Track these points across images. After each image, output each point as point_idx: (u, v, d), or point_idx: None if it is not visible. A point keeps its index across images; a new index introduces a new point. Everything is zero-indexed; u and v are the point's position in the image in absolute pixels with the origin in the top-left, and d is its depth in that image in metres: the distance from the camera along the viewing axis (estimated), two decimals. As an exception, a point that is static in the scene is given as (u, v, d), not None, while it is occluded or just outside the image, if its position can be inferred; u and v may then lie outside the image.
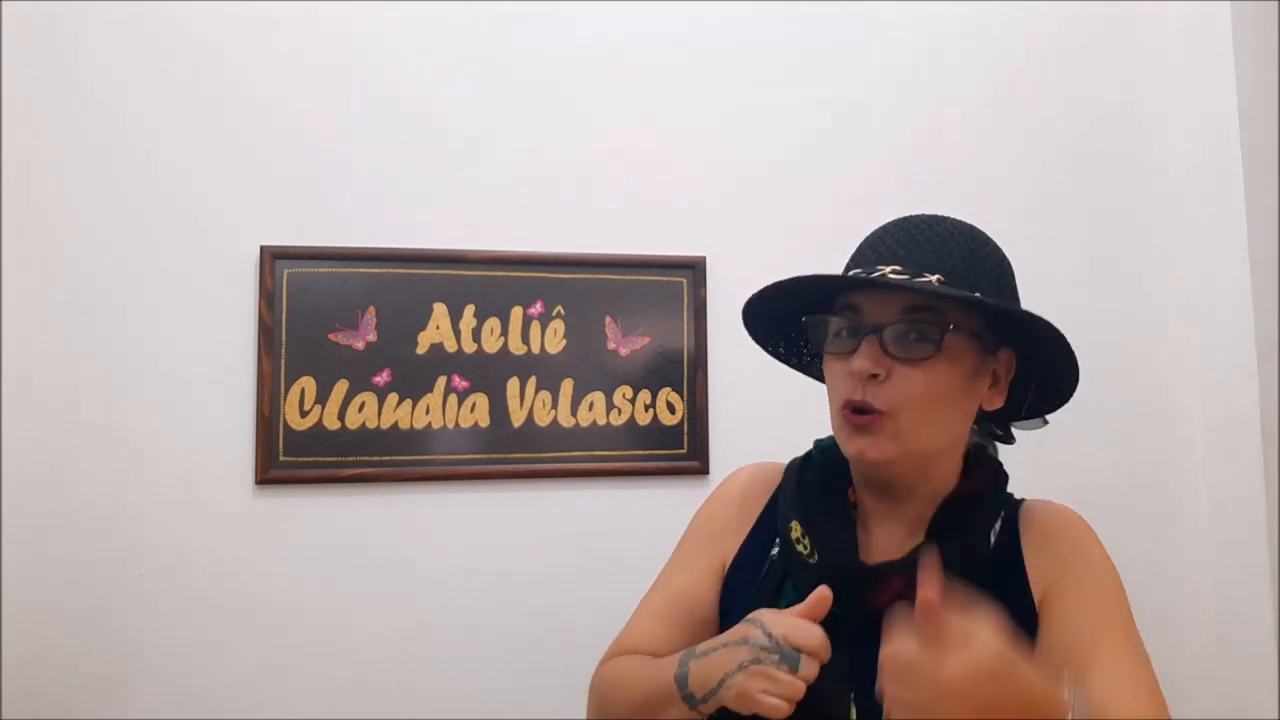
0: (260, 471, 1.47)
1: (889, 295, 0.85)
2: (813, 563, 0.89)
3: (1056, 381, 0.93)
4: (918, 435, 0.86)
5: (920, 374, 0.84)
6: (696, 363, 1.61)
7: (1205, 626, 1.68)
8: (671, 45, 1.66)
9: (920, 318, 0.84)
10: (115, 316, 1.45)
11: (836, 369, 0.89)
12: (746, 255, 1.63)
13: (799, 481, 0.97)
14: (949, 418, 0.88)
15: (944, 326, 0.84)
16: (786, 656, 0.78)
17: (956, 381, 0.86)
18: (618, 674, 0.97)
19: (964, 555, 0.86)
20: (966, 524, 0.89)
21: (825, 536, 0.89)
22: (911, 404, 0.84)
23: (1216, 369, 1.70)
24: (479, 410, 1.54)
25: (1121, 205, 1.78)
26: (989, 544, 0.90)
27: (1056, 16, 1.79)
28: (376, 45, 1.57)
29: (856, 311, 0.87)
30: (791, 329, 1.02)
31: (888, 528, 0.92)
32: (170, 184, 1.49)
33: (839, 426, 0.89)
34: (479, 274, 1.56)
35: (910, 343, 0.84)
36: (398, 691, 1.49)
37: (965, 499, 0.90)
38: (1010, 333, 0.89)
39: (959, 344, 0.85)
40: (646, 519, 1.55)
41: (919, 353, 0.84)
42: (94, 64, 1.47)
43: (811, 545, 0.89)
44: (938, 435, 0.88)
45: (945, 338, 0.84)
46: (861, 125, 1.71)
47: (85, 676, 1.40)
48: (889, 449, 0.85)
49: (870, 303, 0.86)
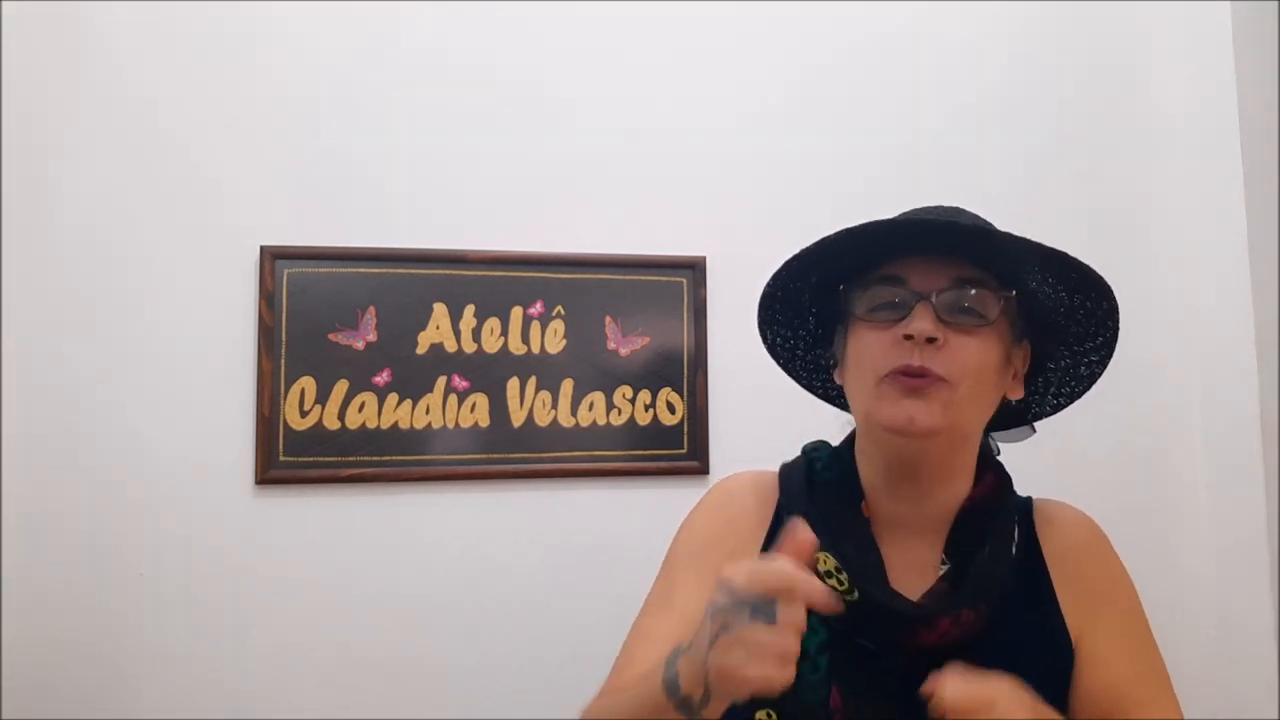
0: (260, 471, 1.47)
1: (940, 263, 0.82)
2: (850, 600, 0.79)
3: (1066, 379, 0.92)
4: (966, 410, 0.82)
5: (976, 343, 0.81)
6: (696, 363, 1.61)
7: (1205, 626, 1.68)
8: (671, 45, 1.66)
9: (973, 290, 0.82)
10: (115, 316, 1.45)
11: (875, 339, 0.82)
12: (746, 255, 1.62)
13: (811, 500, 0.88)
14: (990, 398, 0.85)
15: (996, 298, 0.82)
16: (757, 609, 0.64)
17: (999, 360, 0.83)
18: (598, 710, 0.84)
19: (989, 572, 0.82)
20: (987, 536, 0.85)
21: (856, 568, 0.81)
22: (969, 373, 0.80)
23: (1216, 368, 1.70)
24: (479, 410, 1.54)
25: (1121, 205, 1.78)
26: (1011, 555, 0.86)
27: (1056, 15, 1.79)
28: (376, 45, 1.57)
29: (899, 282, 0.83)
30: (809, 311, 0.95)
31: (904, 540, 0.86)
32: (170, 184, 1.49)
33: (881, 395, 0.81)
34: (479, 274, 1.56)
35: (964, 311, 0.81)
36: (398, 691, 1.49)
37: (980, 506, 0.87)
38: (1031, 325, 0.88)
39: (1003, 322, 0.83)
40: (646, 519, 1.54)
41: (972, 321, 0.81)
42: (94, 65, 1.47)
43: (849, 582, 0.80)
44: (981, 414, 0.85)
45: (999, 309, 0.82)
46: (861, 125, 1.71)
47: (85, 676, 1.40)
48: (939, 418, 0.79)
49: (917, 272, 0.82)
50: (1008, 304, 0.82)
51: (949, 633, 0.79)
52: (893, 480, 0.87)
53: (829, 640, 0.78)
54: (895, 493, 0.87)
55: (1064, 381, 0.94)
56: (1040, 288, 0.86)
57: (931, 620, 0.79)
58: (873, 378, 0.82)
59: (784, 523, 0.86)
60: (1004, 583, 0.83)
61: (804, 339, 0.98)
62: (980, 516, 0.86)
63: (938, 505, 0.87)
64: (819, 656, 0.77)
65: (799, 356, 1.00)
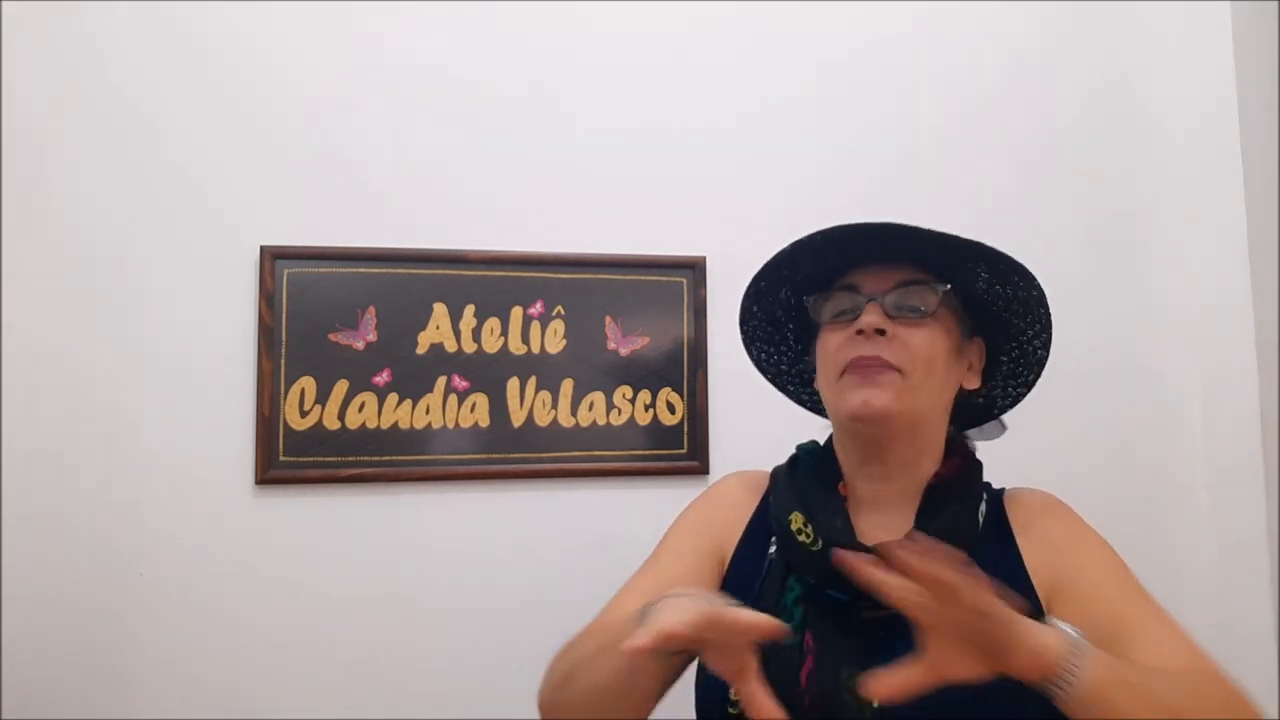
0: (260, 471, 1.46)
1: (887, 270, 0.95)
2: (815, 549, 0.90)
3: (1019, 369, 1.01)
4: (920, 394, 0.92)
5: (922, 333, 0.92)
6: (696, 363, 1.61)
7: (1205, 626, 1.68)
8: (671, 45, 1.66)
9: (914, 288, 0.94)
10: (115, 317, 1.45)
11: (834, 338, 0.95)
12: (746, 255, 1.61)
13: (791, 479, 0.99)
14: (944, 384, 0.95)
15: (936, 294, 0.94)
16: None
17: (947, 350, 0.95)
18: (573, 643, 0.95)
19: (955, 533, 0.88)
20: (953, 504, 0.93)
21: (824, 527, 0.92)
22: (918, 360, 0.91)
23: (1216, 369, 1.70)
24: (479, 410, 1.54)
25: (1120, 205, 1.78)
26: (978, 524, 0.94)
27: (1055, 15, 1.79)
28: (376, 45, 1.57)
29: (854, 289, 0.96)
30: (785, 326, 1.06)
31: (878, 513, 0.95)
32: (170, 184, 1.49)
33: (841, 386, 0.93)
34: (479, 274, 1.56)
35: (908, 307, 0.94)
36: (398, 691, 1.49)
37: (948, 482, 0.95)
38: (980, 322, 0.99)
39: (946, 315, 0.95)
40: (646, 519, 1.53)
41: (916, 315, 0.93)
42: (94, 66, 1.47)
43: (814, 533, 0.91)
44: (935, 399, 0.95)
45: (938, 303, 0.94)
46: (861, 125, 1.71)
47: (85, 676, 1.40)
48: (891, 402, 0.90)
49: (868, 279, 0.95)
50: (946, 296, 0.94)
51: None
52: (864, 463, 0.97)
53: (804, 594, 0.91)
54: (867, 473, 0.97)
55: (1017, 371, 1.02)
56: (975, 282, 0.97)
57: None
58: (834, 372, 0.94)
59: (768, 508, 1.00)
60: (966, 540, 0.89)
61: (785, 354, 1.08)
62: (947, 491, 0.94)
63: (907, 483, 0.95)
64: (795, 608, 0.90)
65: (784, 370, 1.09)
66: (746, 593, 0.95)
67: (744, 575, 0.98)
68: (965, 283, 0.96)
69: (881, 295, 0.93)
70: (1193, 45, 1.76)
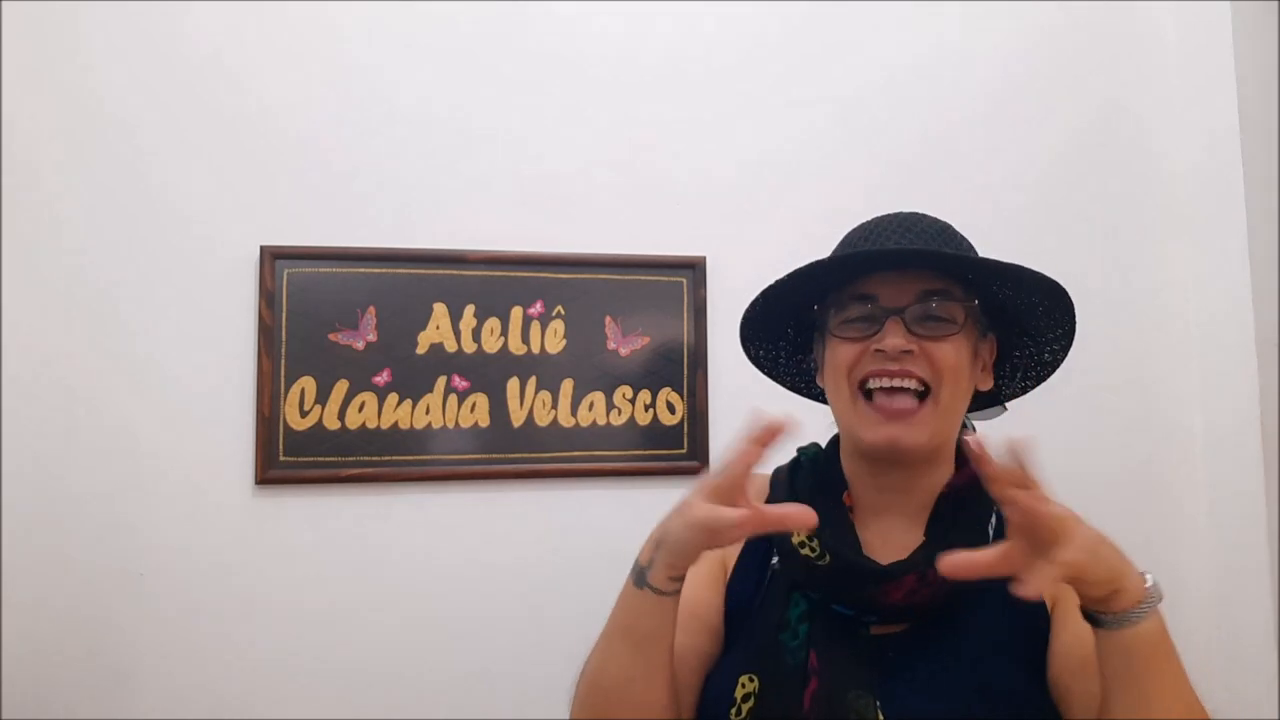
0: (260, 471, 1.46)
1: (906, 279, 0.86)
2: (822, 565, 0.85)
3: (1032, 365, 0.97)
4: (946, 414, 0.87)
5: (948, 347, 0.86)
6: (696, 363, 1.61)
7: (1205, 626, 1.68)
8: (672, 46, 1.66)
9: (938, 300, 0.86)
10: (115, 317, 1.46)
11: (847, 352, 0.87)
12: (746, 255, 1.63)
13: (792, 489, 0.94)
14: (966, 394, 0.90)
15: (961, 306, 0.87)
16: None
17: (969, 358, 0.89)
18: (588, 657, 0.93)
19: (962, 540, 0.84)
20: (964, 517, 0.89)
21: (829, 540, 0.86)
22: (944, 376, 0.85)
23: (1216, 369, 1.70)
24: (479, 410, 1.54)
25: (1121, 206, 1.78)
26: (989, 537, 0.89)
27: (1056, 19, 1.79)
28: (376, 47, 1.57)
29: (870, 299, 0.87)
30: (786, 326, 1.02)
31: (886, 525, 0.91)
32: (171, 185, 1.49)
33: (859, 414, 0.87)
34: (479, 274, 1.56)
35: (933, 321, 0.86)
36: (397, 690, 1.49)
37: (959, 491, 0.90)
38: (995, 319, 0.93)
39: (969, 324, 0.88)
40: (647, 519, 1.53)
41: (942, 330, 0.86)
42: (94, 66, 1.47)
43: (821, 547, 0.86)
44: (958, 411, 0.90)
45: (965, 316, 0.87)
46: (861, 125, 1.71)
47: (85, 676, 1.40)
48: (923, 437, 0.85)
49: (886, 288, 0.87)
50: (971, 310, 0.88)
51: (918, 591, 0.81)
52: (875, 474, 0.92)
53: (808, 610, 0.85)
54: (878, 485, 0.92)
55: (1029, 367, 0.98)
56: (1001, 291, 0.91)
57: (898, 577, 0.82)
58: (848, 388, 0.88)
59: None
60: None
61: (784, 349, 1.04)
62: (958, 500, 0.90)
63: (919, 493, 0.90)
64: (799, 625, 0.85)
65: (781, 364, 1.06)
66: (748, 604, 0.92)
67: (745, 586, 0.95)
68: (987, 292, 0.91)
69: (902, 309, 0.85)
70: (1195, 57, 1.76)
